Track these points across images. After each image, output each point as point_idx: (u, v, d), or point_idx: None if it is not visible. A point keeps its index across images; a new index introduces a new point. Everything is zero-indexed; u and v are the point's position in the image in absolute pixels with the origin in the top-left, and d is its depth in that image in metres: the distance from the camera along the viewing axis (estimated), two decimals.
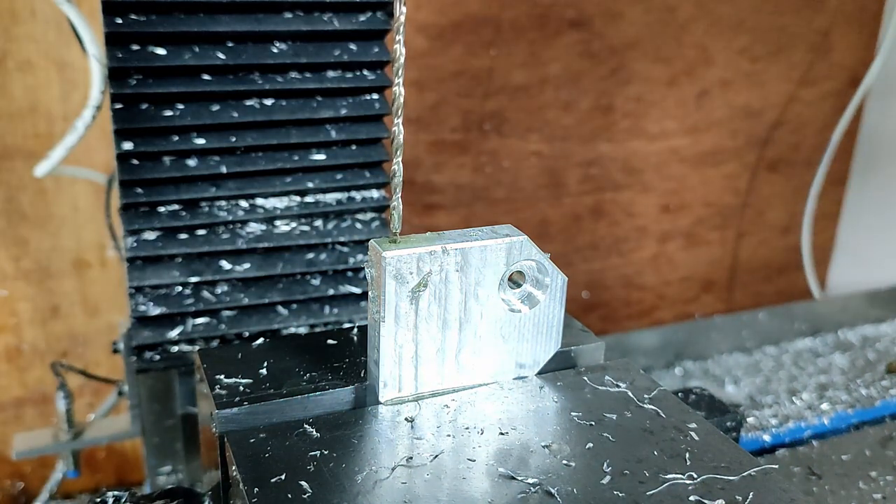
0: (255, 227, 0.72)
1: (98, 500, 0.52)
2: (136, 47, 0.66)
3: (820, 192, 1.43)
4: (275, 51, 0.70)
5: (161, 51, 0.67)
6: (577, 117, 1.27)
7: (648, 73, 1.29)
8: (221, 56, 0.68)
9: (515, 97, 1.22)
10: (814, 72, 1.43)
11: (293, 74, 0.71)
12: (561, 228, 1.34)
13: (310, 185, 0.73)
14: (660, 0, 1.25)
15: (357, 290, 0.74)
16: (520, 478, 0.44)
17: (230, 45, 0.69)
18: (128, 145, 0.68)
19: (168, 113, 0.68)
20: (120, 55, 0.66)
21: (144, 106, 0.68)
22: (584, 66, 1.24)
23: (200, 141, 0.69)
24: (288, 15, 0.70)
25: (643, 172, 1.36)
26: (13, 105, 0.96)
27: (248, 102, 0.70)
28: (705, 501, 0.43)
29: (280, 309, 0.73)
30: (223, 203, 0.72)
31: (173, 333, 0.70)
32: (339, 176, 0.74)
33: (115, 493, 0.52)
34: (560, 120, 1.26)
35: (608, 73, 1.26)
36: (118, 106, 0.67)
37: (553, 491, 0.43)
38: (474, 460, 0.46)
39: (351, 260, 0.74)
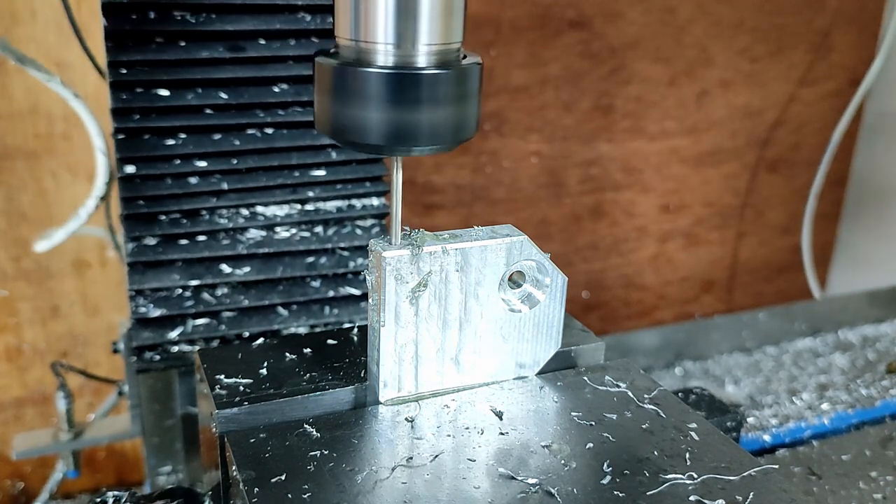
0: (255, 234, 0.73)
1: (98, 500, 0.52)
2: (139, 90, 0.67)
3: (820, 192, 1.42)
4: (276, 91, 0.71)
5: (164, 92, 0.68)
6: (577, 117, 1.27)
7: (648, 73, 1.29)
8: (224, 96, 0.69)
9: (515, 97, 1.22)
10: (814, 72, 1.43)
11: (295, 108, 0.72)
12: (561, 228, 1.34)
13: (310, 194, 0.73)
14: (660, 0, 1.25)
15: (357, 292, 0.74)
16: (520, 478, 0.44)
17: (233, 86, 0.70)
18: (130, 169, 0.68)
19: (170, 142, 0.69)
20: (124, 97, 0.67)
21: (147, 136, 0.69)
22: (584, 66, 1.24)
23: (202, 163, 0.70)
24: (291, 63, 0.71)
25: (643, 172, 1.36)
26: (13, 105, 0.96)
27: (250, 131, 0.71)
28: (705, 501, 0.43)
29: (280, 310, 0.73)
30: (223, 211, 0.72)
31: (173, 334, 0.70)
32: (339, 186, 0.74)
33: (115, 493, 0.52)
34: (560, 120, 1.26)
35: (608, 73, 1.26)
36: (121, 137, 0.68)
37: (553, 491, 0.43)
38: (474, 460, 0.46)
39: (351, 263, 0.74)
